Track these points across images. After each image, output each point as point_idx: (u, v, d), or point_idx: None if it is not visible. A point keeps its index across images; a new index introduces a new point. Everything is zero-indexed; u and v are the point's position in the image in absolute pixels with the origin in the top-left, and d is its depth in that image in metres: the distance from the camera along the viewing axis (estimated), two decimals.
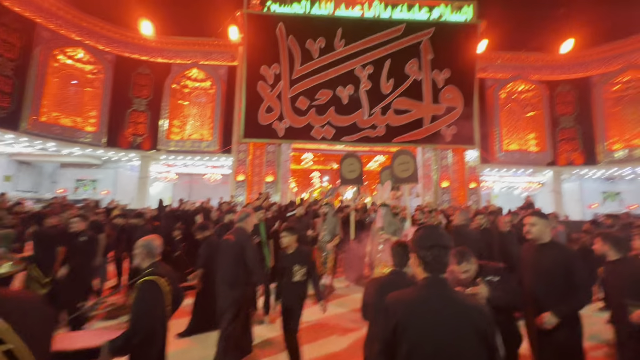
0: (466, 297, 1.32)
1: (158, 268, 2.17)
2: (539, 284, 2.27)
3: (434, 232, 1.39)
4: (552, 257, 2.26)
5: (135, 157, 14.21)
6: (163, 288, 2.07)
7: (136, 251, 2.25)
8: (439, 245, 1.32)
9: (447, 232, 1.51)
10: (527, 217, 2.48)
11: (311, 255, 3.14)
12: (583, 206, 16.03)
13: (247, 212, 3.56)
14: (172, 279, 2.20)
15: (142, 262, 2.22)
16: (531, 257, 2.40)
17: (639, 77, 13.76)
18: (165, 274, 2.15)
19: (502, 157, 14.37)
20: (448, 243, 1.35)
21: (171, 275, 2.22)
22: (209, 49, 14.46)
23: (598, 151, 14.13)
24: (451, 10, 13.63)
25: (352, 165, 4.88)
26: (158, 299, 2.04)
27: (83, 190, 14.91)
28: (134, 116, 14.04)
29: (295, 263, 3.09)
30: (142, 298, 2.00)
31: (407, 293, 1.33)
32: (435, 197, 13.37)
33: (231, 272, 3.20)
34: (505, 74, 15.02)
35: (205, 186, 17.51)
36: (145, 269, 2.17)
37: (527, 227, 2.44)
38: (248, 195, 12.96)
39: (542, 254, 2.32)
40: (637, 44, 13.56)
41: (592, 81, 14.54)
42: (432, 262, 1.31)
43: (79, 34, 13.12)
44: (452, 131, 13.18)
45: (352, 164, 4.88)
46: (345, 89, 13.02)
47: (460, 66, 13.26)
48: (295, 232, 3.17)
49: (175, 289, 2.22)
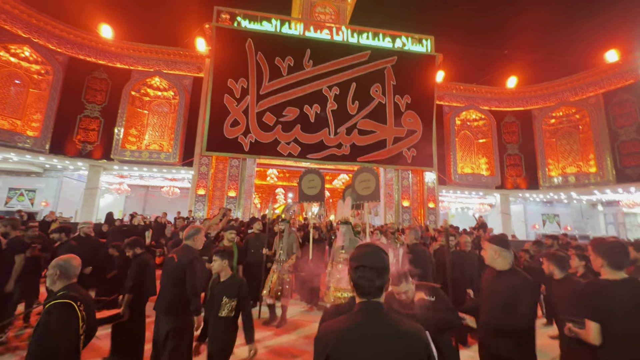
0: (403, 322, 1.18)
1: (73, 291, 1.90)
2: (493, 314, 2.15)
3: (361, 252, 1.27)
4: (508, 287, 2.13)
5: (84, 166, 13.07)
6: (77, 313, 1.80)
7: (49, 272, 1.95)
8: (365, 266, 1.20)
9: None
10: (486, 242, 2.35)
11: (244, 286, 2.65)
12: (527, 227, 17.47)
13: (197, 228, 3.13)
14: (88, 305, 1.93)
15: (54, 284, 1.93)
16: (489, 285, 2.30)
17: (569, 113, 15.67)
18: (80, 298, 1.88)
19: (458, 179, 15.31)
20: (376, 264, 1.21)
21: (87, 300, 1.96)
22: (174, 58, 14.06)
23: (539, 177, 15.61)
24: (412, 42, 14.67)
25: (313, 181, 4.66)
26: (69, 326, 1.76)
27: (17, 201, 13.32)
28: (85, 122, 13.02)
29: (224, 294, 2.58)
30: (48, 323, 1.72)
31: (338, 322, 1.20)
32: (396, 216, 13.78)
33: (169, 296, 2.76)
34: (460, 102, 16.30)
35: (161, 200, 16.53)
36: (57, 291, 1.89)
37: (485, 253, 2.34)
38: (208, 211, 12.40)
39: (499, 283, 2.21)
40: (569, 84, 15.52)
41: (533, 114, 16.27)
42: (361, 285, 1.20)
43: (27, 31, 12.12)
44: (412, 153, 13.87)
45: (312, 180, 4.66)
46: (312, 108, 13.25)
47: (420, 93, 14.16)
48: (226, 257, 2.70)
49: (91, 316, 1.95)
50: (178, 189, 15.54)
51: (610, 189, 14.05)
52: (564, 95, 15.68)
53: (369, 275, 1.19)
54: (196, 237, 3.02)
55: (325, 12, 15.75)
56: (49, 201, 13.42)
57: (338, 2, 15.91)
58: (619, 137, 13.96)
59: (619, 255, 1.94)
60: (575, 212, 17.99)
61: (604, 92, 14.60)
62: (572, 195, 15.63)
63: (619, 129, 14.02)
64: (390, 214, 13.90)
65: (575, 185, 14.91)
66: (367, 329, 1.14)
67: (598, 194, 15.18)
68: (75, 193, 14.28)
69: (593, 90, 14.90)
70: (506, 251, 2.24)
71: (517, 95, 16.62)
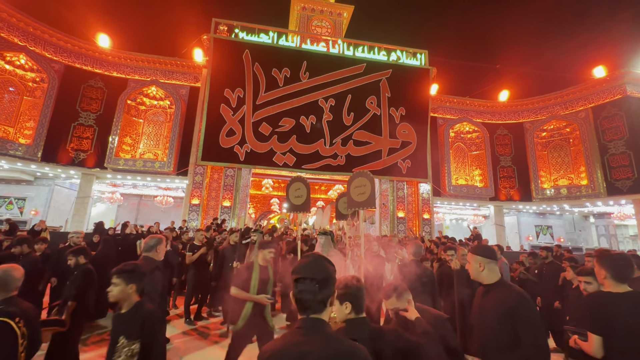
0: (342, 341, 1.09)
1: (12, 305, 1.76)
2: (483, 334, 1.92)
3: (301, 263, 1.17)
4: (498, 303, 1.87)
5: (76, 175, 12.90)
6: (14, 331, 1.67)
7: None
8: (305, 278, 1.11)
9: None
10: (469, 253, 2.13)
11: (150, 320, 1.88)
12: (521, 238, 17.57)
13: (158, 238, 2.88)
14: (29, 319, 1.80)
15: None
16: (477, 301, 2.08)
17: (560, 127, 16.00)
18: (19, 312, 1.75)
19: (452, 190, 15.42)
20: (317, 274, 1.12)
21: (28, 314, 1.82)
22: (171, 68, 14.13)
23: (532, 188, 15.80)
24: (407, 56, 14.98)
25: (299, 190, 4.44)
26: (4, 347, 1.64)
27: (6, 209, 13.04)
28: (79, 130, 12.92)
29: (121, 333, 1.82)
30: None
31: (277, 341, 1.12)
32: (391, 227, 13.77)
33: None
34: (453, 115, 16.56)
35: (154, 209, 16.34)
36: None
37: (469, 266, 2.11)
38: (202, 220, 12.26)
39: (486, 298, 1.98)
40: (559, 98, 15.91)
41: (525, 127, 16.58)
42: (301, 299, 1.11)
43: (23, 39, 12.12)
44: (407, 164, 13.97)
45: (298, 189, 4.45)
46: (308, 119, 13.34)
47: (415, 105, 14.38)
48: (135, 279, 1.94)
49: (34, 331, 1.82)
50: (172, 198, 15.39)
51: (601, 201, 14.26)
52: (554, 109, 16.04)
53: (310, 287, 1.11)
54: (158, 247, 2.86)
55: (322, 26, 16.06)
56: (39, 210, 13.17)
57: (334, 16, 16.25)
58: (609, 150, 14.25)
59: (623, 267, 1.93)
60: (568, 223, 18.17)
61: (593, 106, 14.97)
62: (564, 207, 15.81)
63: (608, 143, 14.33)
64: (385, 225, 13.89)
65: (568, 197, 15.10)
66: (306, 346, 1.05)
67: (590, 206, 15.39)
68: (66, 202, 14.05)
69: (582, 104, 15.28)
70: (492, 262, 2.02)
71: (509, 109, 16.96)
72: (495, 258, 2.06)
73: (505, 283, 2.00)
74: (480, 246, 2.13)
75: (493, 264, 2.03)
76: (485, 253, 2.05)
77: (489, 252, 2.06)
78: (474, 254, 2.09)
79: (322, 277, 1.13)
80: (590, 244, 17.10)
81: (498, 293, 1.93)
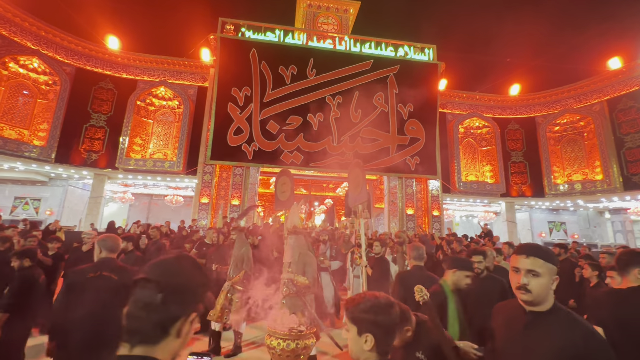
0: None
1: None
2: None
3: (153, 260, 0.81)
4: (550, 341, 1.19)
5: (89, 175, 13.16)
6: None
7: None
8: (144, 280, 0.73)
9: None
10: (517, 257, 1.31)
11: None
12: (533, 235, 17.23)
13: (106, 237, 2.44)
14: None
15: None
16: (516, 336, 1.30)
17: (574, 120, 15.59)
18: None
19: (462, 187, 15.20)
20: (162, 278, 0.73)
21: None
22: (179, 68, 14.26)
23: (544, 184, 15.46)
24: (414, 51, 14.78)
25: (285, 184, 4.14)
26: None
27: (22, 210, 13.39)
28: (91, 131, 13.17)
29: None
30: None
31: None
32: (400, 224, 13.66)
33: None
34: (463, 110, 16.29)
35: (165, 208, 16.56)
36: None
37: (521, 278, 1.26)
38: (211, 219, 12.38)
39: (534, 334, 1.24)
40: (572, 91, 15.49)
41: (537, 121, 16.21)
42: (126, 314, 0.75)
43: (36, 43, 12.38)
44: (415, 161, 13.81)
45: (284, 184, 4.16)
46: (316, 116, 13.30)
47: (423, 101, 14.18)
48: None
49: None
50: (182, 197, 15.57)
51: (617, 196, 13.87)
52: (567, 103, 15.63)
53: (147, 297, 0.70)
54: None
55: (328, 23, 15.96)
56: (53, 210, 13.48)
57: (340, 13, 16.12)
58: (625, 144, 13.84)
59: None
60: (582, 219, 17.74)
61: (607, 99, 14.54)
62: (578, 202, 15.43)
63: (624, 136, 13.91)
64: (394, 222, 13.79)
65: (582, 193, 14.73)
66: None
67: (605, 202, 14.98)
68: (79, 202, 14.35)
69: (597, 97, 14.85)
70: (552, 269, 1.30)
71: (520, 103, 16.60)
72: (554, 262, 1.30)
73: (567, 313, 1.26)
74: (544, 248, 1.31)
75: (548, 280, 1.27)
76: (555, 260, 1.28)
77: (549, 255, 1.29)
78: (543, 259, 1.25)
79: (173, 284, 0.73)
80: (606, 240, 16.66)
81: (552, 326, 1.22)
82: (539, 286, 1.24)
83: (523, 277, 1.26)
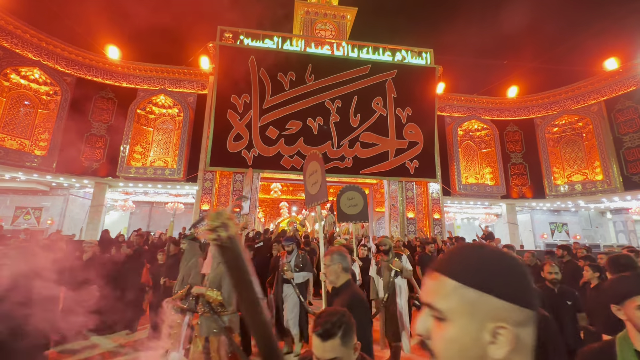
0: None
1: None
2: None
3: None
4: None
5: (90, 184, 13.20)
6: None
7: None
8: None
9: None
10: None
11: None
12: (535, 236, 17.17)
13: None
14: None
15: None
16: None
17: (572, 121, 15.64)
18: None
19: (462, 189, 15.20)
20: None
21: None
22: (179, 76, 14.38)
23: (545, 185, 15.45)
24: (412, 55, 14.89)
25: (353, 199, 3.98)
26: None
27: (23, 220, 13.42)
28: (92, 140, 13.25)
29: None
30: None
31: None
32: (401, 227, 13.64)
33: None
34: (461, 113, 16.36)
35: (166, 215, 16.56)
36: None
37: None
38: None
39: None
40: (570, 92, 15.56)
41: (535, 123, 16.26)
42: None
43: (37, 54, 12.51)
44: (415, 165, 13.85)
45: (352, 198, 4.01)
46: (315, 120, 13.37)
47: (421, 105, 14.26)
48: None
49: None
50: (182, 204, 15.59)
51: (618, 196, 13.85)
52: (565, 104, 15.69)
53: None
54: None
55: (326, 29, 16.12)
56: (54, 219, 13.50)
57: (338, 19, 16.30)
58: (624, 144, 13.86)
59: None
60: (584, 220, 17.69)
61: (605, 99, 14.60)
62: (579, 203, 15.41)
63: (623, 136, 13.94)
64: (395, 225, 13.77)
65: (582, 194, 14.72)
66: None
67: (606, 202, 14.95)
68: (80, 210, 14.37)
69: (594, 97, 14.91)
70: None
71: (518, 105, 16.67)
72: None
73: None
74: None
75: None
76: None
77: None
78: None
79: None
80: (608, 240, 16.59)
81: None
82: None
83: None
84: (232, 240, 0.71)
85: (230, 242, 0.70)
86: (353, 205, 3.91)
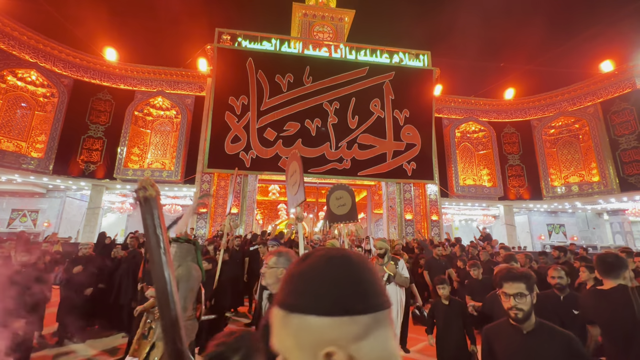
0: None
1: None
2: None
3: None
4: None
5: (87, 186, 13.15)
6: None
7: None
8: None
9: None
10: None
11: None
12: (533, 237, 17.23)
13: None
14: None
15: None
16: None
17: (568, 123, 15.73)
18: None
19: (460, 191, 15.24)
20: None
21: None
22: (177, 78, 14.37)
23: (542, 187, 15.52)
24: (409, 57, 14.96)
25: (342, 198, 3.98)
26: None
27: (20, 222, 13.34)
28: (89, 142, 13.19)
29: None
30: None
31: None
32: (399, 229, 13.66)
33: None
34: (458, 115, 16.43)
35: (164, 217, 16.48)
36: None
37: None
38: (210, 228, 12.35)
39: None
40: (566, 94, 15.66)
41: (532, 124, 16.34)
42: None
43: (34, 56, 12.48)
44: (412, 166, 13.88)
45: (340, 198, 4.00)
46: (313, 122, 13.39)
47: (418, 107, 14.32)
48: None
49: None
50: (180, 206, 15.54)
51: (614, 197, 13.93)
52: (562, 106, 15.79)
53: None
54: None
55: (324, 31, 16.19)
56: (51, 221, 13.43)
57: (336, 21, 16.37)
58: (620, 145, 13.95)
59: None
60: (581, 221, 17.77)
61: (601, 101, 14.70)
62: (576, 204, 15.48)
63: (619, 138, 14.03)
64: (393, 227, 13.78)
65: (579, 195, 14.79)
66: None
67: (603, 203, 15.03)
68: (77, 213, 14.30)
69: (591, 99, 15.02)
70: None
71: (515, 107, 16.76)
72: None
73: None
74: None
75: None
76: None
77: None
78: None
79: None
80: (605, 241, 16.66)
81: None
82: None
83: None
84: (148, 199, 0.84)
85: (146, 201, 0.84)
86: (342, 205, 3.86)
